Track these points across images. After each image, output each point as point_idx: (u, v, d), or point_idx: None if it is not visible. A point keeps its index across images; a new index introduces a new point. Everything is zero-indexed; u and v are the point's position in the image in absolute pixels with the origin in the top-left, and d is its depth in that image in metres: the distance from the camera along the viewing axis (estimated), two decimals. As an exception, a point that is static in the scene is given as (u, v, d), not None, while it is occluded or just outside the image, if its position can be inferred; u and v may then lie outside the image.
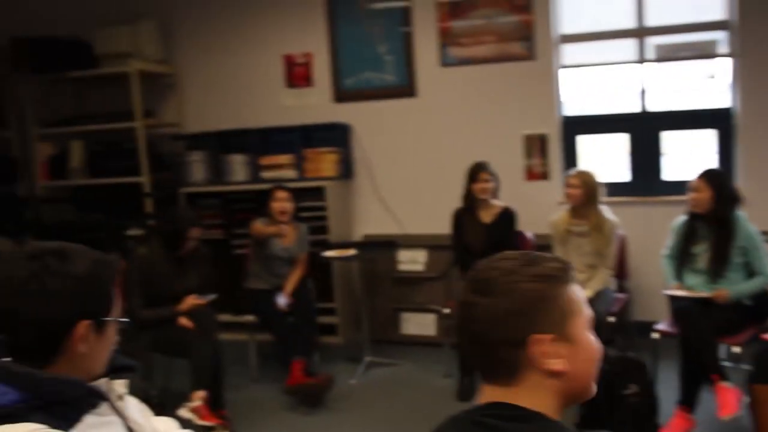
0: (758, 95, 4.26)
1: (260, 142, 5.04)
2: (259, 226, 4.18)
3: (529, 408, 1.05)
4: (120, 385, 1.37)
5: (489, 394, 1.09)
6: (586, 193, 3.76)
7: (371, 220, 5.12)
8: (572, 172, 3.89)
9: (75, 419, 1.23)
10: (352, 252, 4.29)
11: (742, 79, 4.31)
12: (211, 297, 3.71)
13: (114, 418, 1.32)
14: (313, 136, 5.04)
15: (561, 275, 1.08)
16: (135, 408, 1.43)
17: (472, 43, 4.72)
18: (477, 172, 4.04)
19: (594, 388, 1.10)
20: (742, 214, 3.38)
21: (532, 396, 1.06)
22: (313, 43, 5.08)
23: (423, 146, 4.94)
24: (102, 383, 1.32)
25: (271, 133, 5.09)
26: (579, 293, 1.10)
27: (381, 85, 4.97)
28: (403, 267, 4.86)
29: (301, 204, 4.80)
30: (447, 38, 4.78)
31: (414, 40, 4.85)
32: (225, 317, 4.41)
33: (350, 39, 4.99)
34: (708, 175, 3.36)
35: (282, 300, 4.03)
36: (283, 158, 4.95)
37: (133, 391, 1.42)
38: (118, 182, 5.16)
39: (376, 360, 4.35)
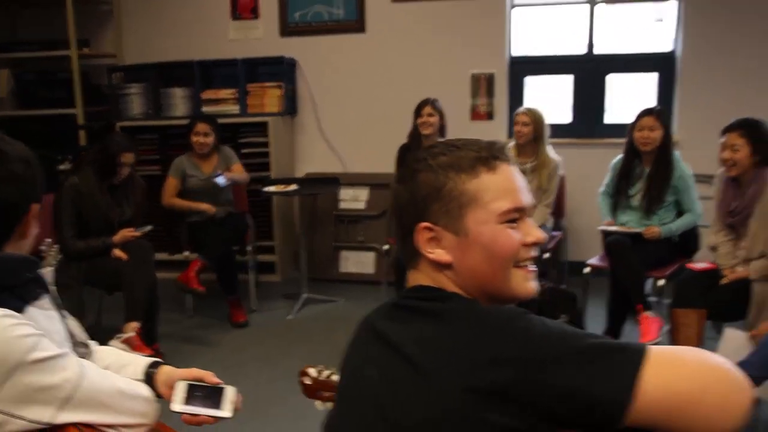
0: (701, 39, 4.31)
1: (202, 75, 4.86)
2: (175, 199, 4.07)
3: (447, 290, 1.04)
4: (48, 274, 1.29)
5: (411, 278, 1.09)
6: (535, 131, 3.78)
7: (314, 158, 5.05)
8: (521, 109, 3.88)
9: (18, 309, 1.14)
10: (293, 187, 4.22)
11: (685, 23, 4.34)
12: (147, 228, 3.61)
13: (54, 313, 1.25)
14: (258, 71, 4.91)
15: (468, 164, 1.02)
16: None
17: (424, -22, 4.62)
18: (421, 107, 4.01)
19: (518, 288, 1.03)
20: (677, 154, 3.44)
21: (434, 284, 1.05)
22: (260, -28, 4.90)
23: (369, 84, 4.86)
24: (46, 273, 1.25)
25: (214, 67, 4.93)
26: (498, 183, 1.02)
27: (330, 19, 4.84)
28: (344, 205, 4.82)
29: (242, 140, 4.70)
30: (398, -28, 4.66)
31: (364, -27, 4.72)
32: (162, 256, 4.32)
33: (298, -31, 4.83)
34: (659, 114, 3.38)
35: (222, 179, 3.97)
36: (226, 92, 4.80)
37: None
38: (50, 114, 4.94)
39: (314, 296, 4.33)
